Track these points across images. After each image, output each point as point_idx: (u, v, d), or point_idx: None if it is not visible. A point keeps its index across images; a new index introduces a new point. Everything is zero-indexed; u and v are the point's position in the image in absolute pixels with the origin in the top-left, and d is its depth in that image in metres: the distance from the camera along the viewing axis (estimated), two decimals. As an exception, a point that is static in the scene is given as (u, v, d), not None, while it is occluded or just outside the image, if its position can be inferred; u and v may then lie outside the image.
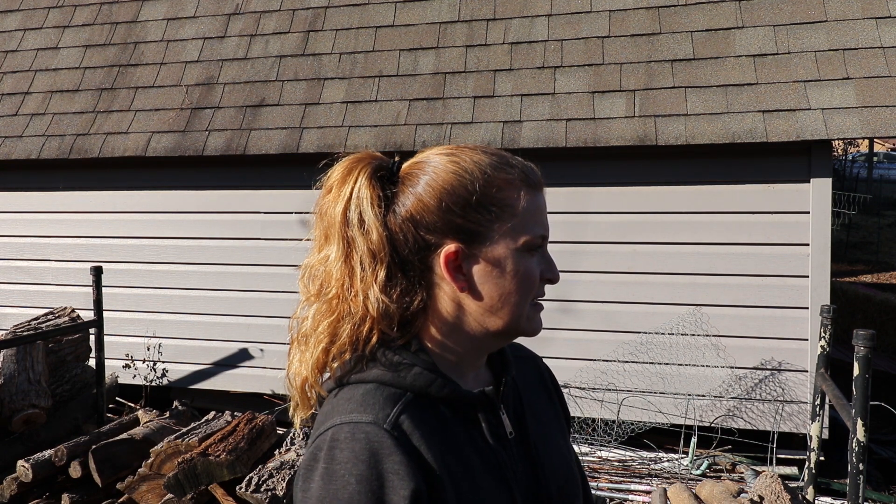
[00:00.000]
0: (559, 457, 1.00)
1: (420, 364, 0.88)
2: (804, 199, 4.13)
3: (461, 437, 0.89)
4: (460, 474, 0.85)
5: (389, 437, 0.81)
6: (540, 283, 0.93)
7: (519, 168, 0.92)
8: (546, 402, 1.07)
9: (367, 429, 0.81)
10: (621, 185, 4.41)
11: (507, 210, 0.89)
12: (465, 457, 0.87)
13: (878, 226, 15.11)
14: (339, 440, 0.81)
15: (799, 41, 4.19)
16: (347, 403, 0.85)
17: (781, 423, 4.19)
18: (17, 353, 4.00)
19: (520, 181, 0.91)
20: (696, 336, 4.26)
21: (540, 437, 0.99)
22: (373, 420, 0.82)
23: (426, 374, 0.88)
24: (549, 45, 4.58)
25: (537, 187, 0.93)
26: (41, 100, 5.39)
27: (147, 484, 3.20)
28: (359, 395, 0.86)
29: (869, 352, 2.64)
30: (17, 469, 3.38)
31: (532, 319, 0.93)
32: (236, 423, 3.39)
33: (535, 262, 0.91)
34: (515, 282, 0.90)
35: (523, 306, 0.91)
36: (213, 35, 5.29)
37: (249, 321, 5.03)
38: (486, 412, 0.93)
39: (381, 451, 0.80)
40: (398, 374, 0.87)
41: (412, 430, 0.83)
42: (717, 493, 3.06)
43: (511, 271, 0.89)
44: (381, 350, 0.89)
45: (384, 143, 4.50)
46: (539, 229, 0.91)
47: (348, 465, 0.79)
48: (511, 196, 0.90)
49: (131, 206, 5.25)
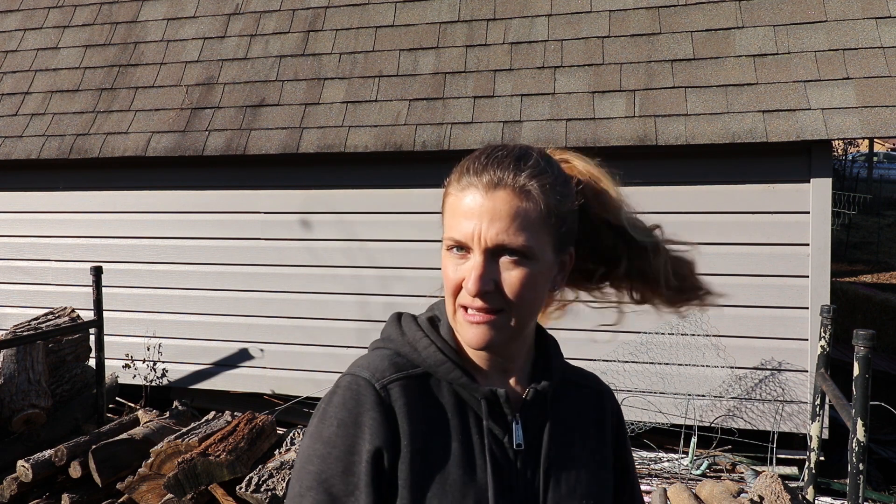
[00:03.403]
0: (577, 489, 0.95)
1: (438, 343, 0.94)
2: (804, 199, 4.13)
3: (455, 423, 0.90)
4: (436, 456, 0.88)
5: (374, 395, 0.88)
6: (462, 286, 0.87)
7: (465, 168, 0.90)
8: (592, 436, 1.01)
9: (361, 382, 0.90)
10: (621, 186, 4.40)
11: (443, 209, 0.93)
12: (449, 443, 0.89)
13: (878, 226, 15.11)
14: (339, 387, 0.91)
15: (799, 41, 4.19)
16: (363, 359, 0.94)
17: (781, 423, 4.19)
18: (17, 353, 4.00)
19: (455, 183, 0.91)
20: (696, 336, 4.26)
21: (558, 461, 0.94)
22: (368, 377, 0.90)
23: (438, 355, 0.93)
24: (549, 45, 4.58)
25: (465, 189, 0.88)
26: (41, 100, 5.39)
27: (147, 484, 3.20)
28: (375, 356, 0.95)
29: (869, 352, 2.64)
30: (17, 469, 3.38)
31: (462, 325, 0.89)
32: (236, 423, 3.40)
33: (453, 262, 0.88)
34: (443, 278, 0.91)
35: (450, 307, 0.90)
36: (213, 35, 5.29)
37: (249, 321, 5.03)
38: (492, 412, 0.92)
39: (365, 404, 0.88)
40: (416, 347, 0.94)
41: (399, 397, 0.89)
42: (717, 493, 3.06)
43: (442, 267, 0.91)
44: (431, 313, 0.99)
45: (384, 143, 4.50)
46: (450, 231, 0.88)
47: (336, 409, 0.89)
48: (446, 195, 0.93)
49: (131, 206, 5.25)
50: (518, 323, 0.89)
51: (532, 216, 0.87)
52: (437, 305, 1.01)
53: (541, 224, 0.88)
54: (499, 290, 0.86)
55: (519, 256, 0.86)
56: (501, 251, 0.86)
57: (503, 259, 0.86)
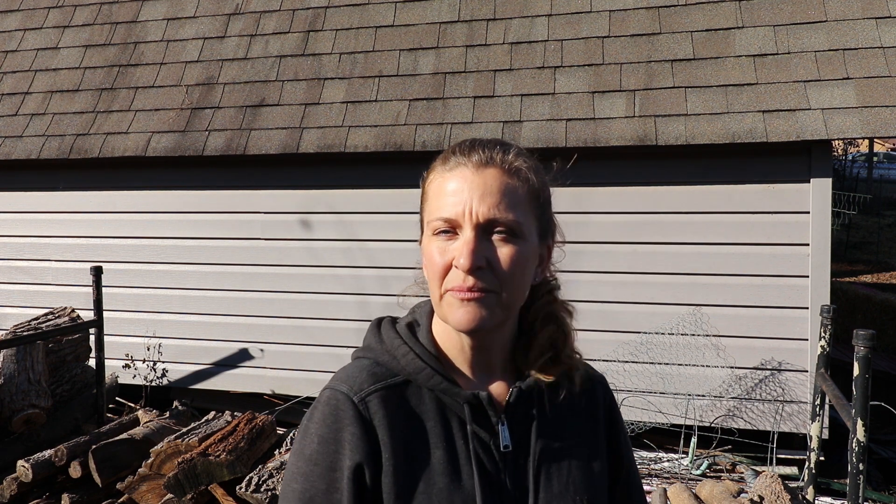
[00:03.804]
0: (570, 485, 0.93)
1: (416, 350, 0.92)
2: (804, 199, 4.13)
3: (437, 430, 0.89)
4: (420, 465, 0.87)
5: (353, 409, 0.87)
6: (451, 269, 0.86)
7: (451, 152, 0.91)
8: (585, 428, 0.99)
9: (340, 397, 0.89)
10: (621, 185, 4.41)
11: (424, 196, 0.93)
12: (432, 450, 0.88)
13: (878, 226, 15.12)
14: (320, 402, 0.90)
15: (799, 41, 4.19)
16: (343, 371, 0.94)
17: (781, 423, 4.19)
18: (17, 353, 4.00)
19: (439, 167, 0.91)
20: (696, 336, 4.26)
21: (549, 459, 0.93)
22: (347, 391, 0.89)
23: (417, 362, 0.91)
24: (549, 45, 4.58)
25: (454, 169, 0.88)
26: (41, 100, 5.39)
27: (147, 484, 3.20)
28: (354, 367, 0.94)
29: (869, 352, 2.64)
30: (17, 469, 3.38)
31: (450, 307, 0.87)
32: (236, 423, 3.39)
33: (440, 245, 0.87)
34: (427, 266, 0.90)
35: (436, 293, 0.89)
36: (213, 35, 5.29)
37: (249, 321, 5.03)
38: (477, 416, 0.90)
39: (344, 419, 0.87)
40: (394, 356, 0.93)
41: (378, 409, 0.88)
42: (717, 493, 3.06)
43: (425, 255, 0.90)
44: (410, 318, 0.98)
45: (384, 144, 4.50)
46: (439, 212, 0.87)
47: (317, 426, 0.88)
48: (428, 182, 0.92)
49: (131, 206, 5.25)
50: (507, 303, 0.88)
51: (521, 194, 0.88)
52: (417, 308, 1.00)
53: (528, 203, 0.89)
54: (490, 268, 0.85)
55: (509, 234, 0.86)
56: (492, 227, 0.86)
57: (494, 237, 0.86)
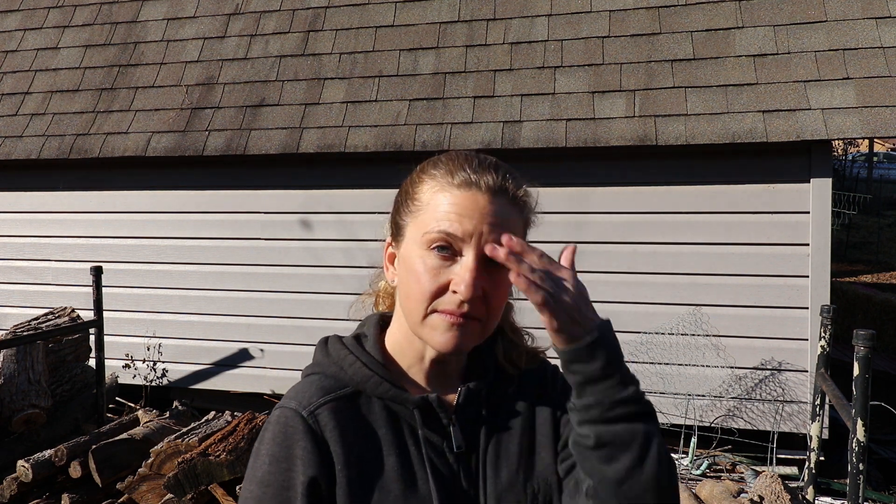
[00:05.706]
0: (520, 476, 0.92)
1: (363, 359, 0.92)
2: (804, 199, 4.13)
3: (389, 438, 0.88)
4: (373, 474, 0.86)
5: (303, 424, 0.86)
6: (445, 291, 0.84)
7: (458, 165, 0.86)
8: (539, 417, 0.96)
9: (289, 413, 0.87)
10: (621, 185, 4.41)
11: (417, 204, 0.88)
12: (385, 459, 0.87)
13: (878, 226, 15.11)
14: (270, 423, 0.88)
15: (799, 41, 4.19)
16: (293, 390, 0.92)
17: (781, 423, 4.19)
18: (17, 353, 4.00)
19: (441, 177, 0.87)
20: (696, 336, 4.26)
21: (496, 453, 0.92)
22: (296, 407, 0.88)
23: (364, 371, 0.91)
24: (549, 45, 4.58)
25: (462, 186, 0.84)
26: (41, 100, 5.38)
27: (147, 484, 3.20)
28: (303, 384, 0.92)
29: (869, 352, 2.64)
30: (17, 469, 3.38)
31: (435, 328, 0.84)
32: (236, 423, 3.39)
33: (434, 264, 0.84)
34: (412, 279, 0.85)
35: (419, 310, 0.85)
36: (213, 35, 5.29)
37: (249, 321, 5.03)
38: (427, 420, 0.90)
39: (294, 435, 0.85)
40: (342, 367, 0.92)
41: (328, 422, 0.87)
42: (717, 493, 3.06)
43: (411, 267, 0.86)
44: (358, 331, 0.98)
45: (384, 144, 4.50)
46: (441, 225, 0.83)
47: (268, 446, 0.86)
48: (424, 190, 0.88)
49: (131, 206, 5.25)
50: (488, 330, 0.87)
51: (520, 227, 0.88)
52: (366, 322, 1.00)
53: (522, 236, 0.88)
54: (484, 298, 0.84)
55: (504, 267, 0.81)
56: (492, 260, 0.82)
57: (490, 268, 0.83)
